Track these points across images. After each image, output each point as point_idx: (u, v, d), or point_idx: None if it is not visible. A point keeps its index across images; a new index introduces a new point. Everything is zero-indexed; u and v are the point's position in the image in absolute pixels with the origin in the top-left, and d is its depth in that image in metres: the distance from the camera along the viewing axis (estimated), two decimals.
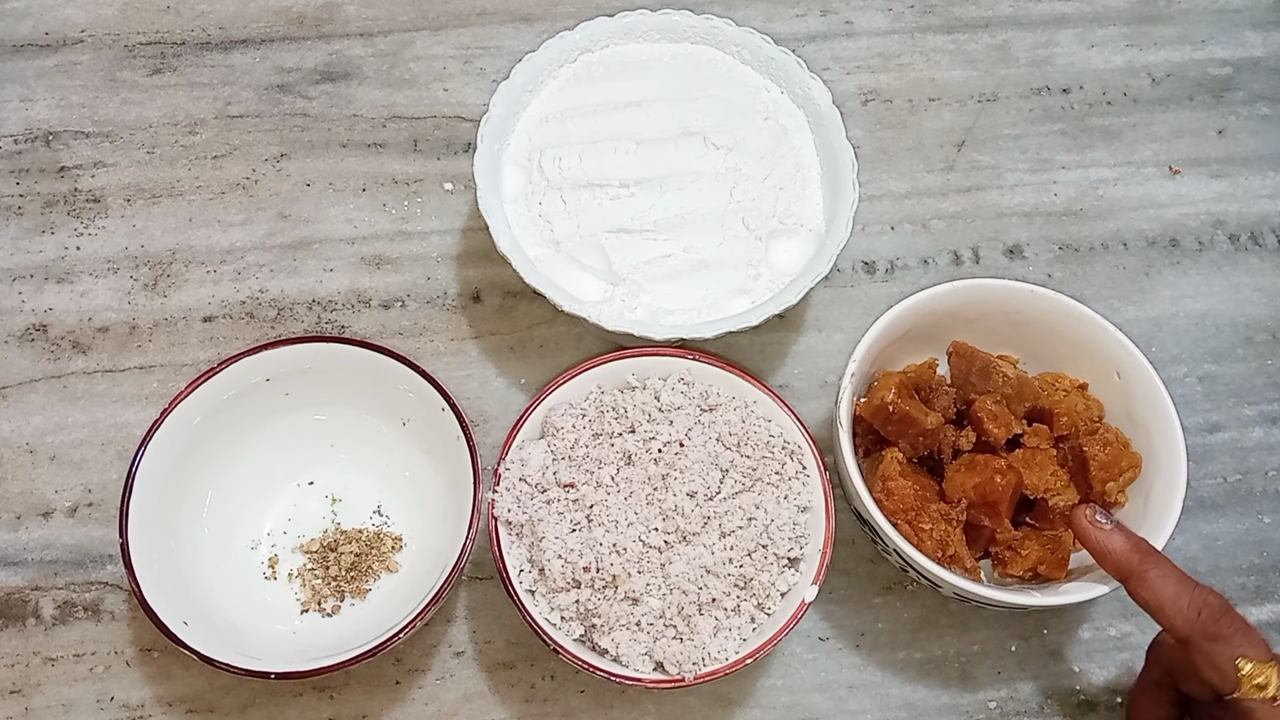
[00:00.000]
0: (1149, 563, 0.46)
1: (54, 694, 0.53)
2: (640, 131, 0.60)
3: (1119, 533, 0.48)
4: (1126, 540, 0.47)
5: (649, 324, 0.55)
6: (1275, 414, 0.63)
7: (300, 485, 0.57)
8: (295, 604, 0.54)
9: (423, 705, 0.54)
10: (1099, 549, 0.48)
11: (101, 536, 0.57)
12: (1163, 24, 0.76)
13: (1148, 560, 0.47)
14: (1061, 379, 0.56)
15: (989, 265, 0.66)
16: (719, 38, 0.64)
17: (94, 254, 0.64)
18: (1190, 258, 0.67)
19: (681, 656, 0.48)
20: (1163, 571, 0.46)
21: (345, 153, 0.67)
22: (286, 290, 0.63)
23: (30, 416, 0.59)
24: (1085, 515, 0.49)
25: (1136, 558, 0.47)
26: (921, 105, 0.71)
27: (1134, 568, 0.47)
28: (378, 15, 0.72)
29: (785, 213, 0.59)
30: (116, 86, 0.69)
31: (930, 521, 0.51)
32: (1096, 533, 0.48)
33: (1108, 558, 0.47)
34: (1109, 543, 0.48)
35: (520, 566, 0.50)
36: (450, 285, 0.64)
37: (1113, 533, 0.48)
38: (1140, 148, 0.71)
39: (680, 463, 0.51)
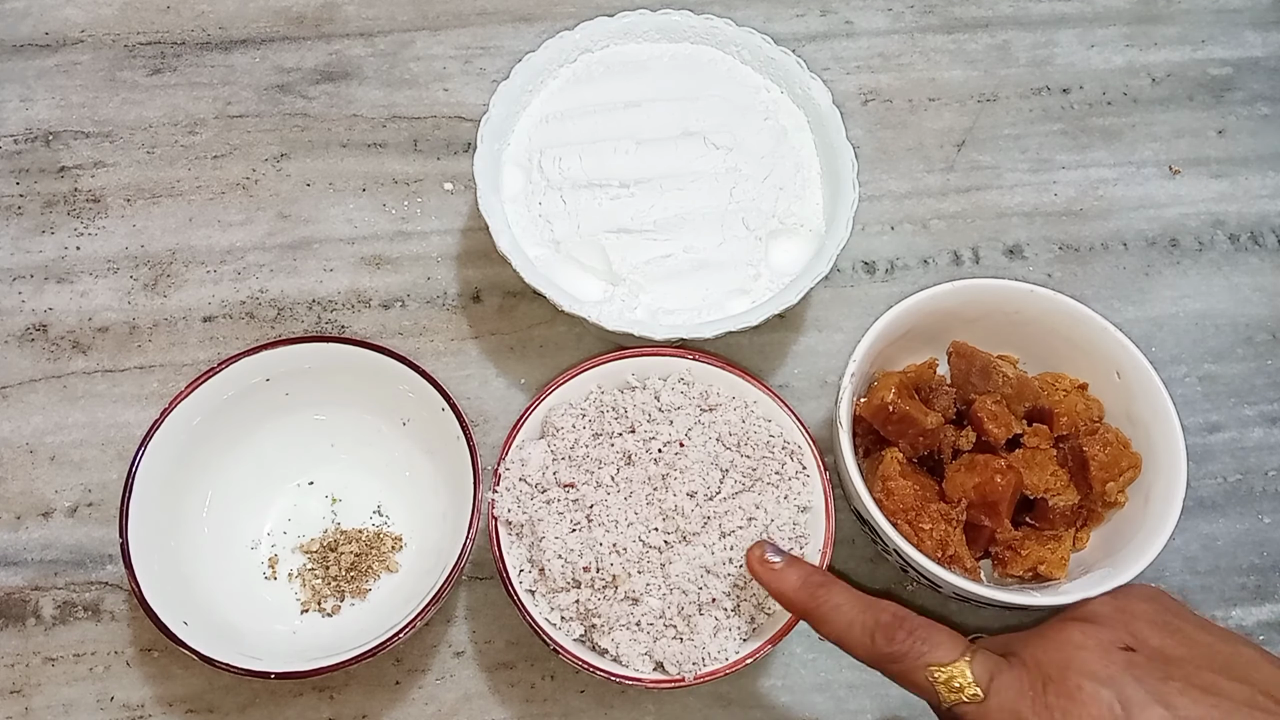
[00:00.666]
0: (821, 596, 0.44)
1: (54, 694, 0.53)
2: (640, 131, 0.60)
3: (791, 569, 0.45)
4: (799, 576, 0.45)
5: (649, 324, 0.55)
6: (1275, 414, 0.63)
7: (300, 485, 0.57)
8: (295, 604, 0.54)
9: (423, 705, 0.54)
10: (774, 591, 0.45)
11: (101, 536, 0.57)
12: (1163, 24, 0.76)
13: (819, 594, 0.44)
14: (1061, 379, 0.56)
15: (989, 265, 0.66)
16: (719, 38, 0.64)
17: (94, 254, 0.64)
18: (1190, 258, 0.67)
19: (681, 656, 0.48)
20: (836, 602, 0.43)
21: (345, 153, 0.67)
22: (286, 290, 0.63)
23: (30, 416, 0.59)
24: (755, 556, 0.46)
25: (807, 593, 0.44)
26: (921, 105, 0.71)
27: (807, 605, 0.44)
28: (378, 15, 0.72)
29: (785, 213, 0.59)
30: (116, 86, 0.69)
31: (930, 521, 0.51)
32: (767, 573, 0.45)
33: (783, 598, 0.45)
34: (782, 583, 0.45)
35: (520, 566, 0.50)
36: (450, 285, 0.64)
37: (785, 571, 0.45)
38: (1140, 148, 0.71)
39: (680, 463, 0.51)
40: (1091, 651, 0.40)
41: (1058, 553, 0.52)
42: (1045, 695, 0.39)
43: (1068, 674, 0.39)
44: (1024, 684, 0.40)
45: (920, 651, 0.41)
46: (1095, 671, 0.39)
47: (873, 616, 0.42)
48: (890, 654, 0.41)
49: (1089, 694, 0.38)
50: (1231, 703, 0.38)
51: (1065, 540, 0.53)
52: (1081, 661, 0.40)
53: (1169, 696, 0.38)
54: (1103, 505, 0.53)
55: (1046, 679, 0.39)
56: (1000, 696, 0.39)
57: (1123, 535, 0.52)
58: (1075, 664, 0.40)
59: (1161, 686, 0.38)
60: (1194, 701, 0.38)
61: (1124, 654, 0.40)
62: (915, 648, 0.41)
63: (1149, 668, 0.39)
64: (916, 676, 0.41)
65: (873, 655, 0.42)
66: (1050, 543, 0.52)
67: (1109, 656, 0.40)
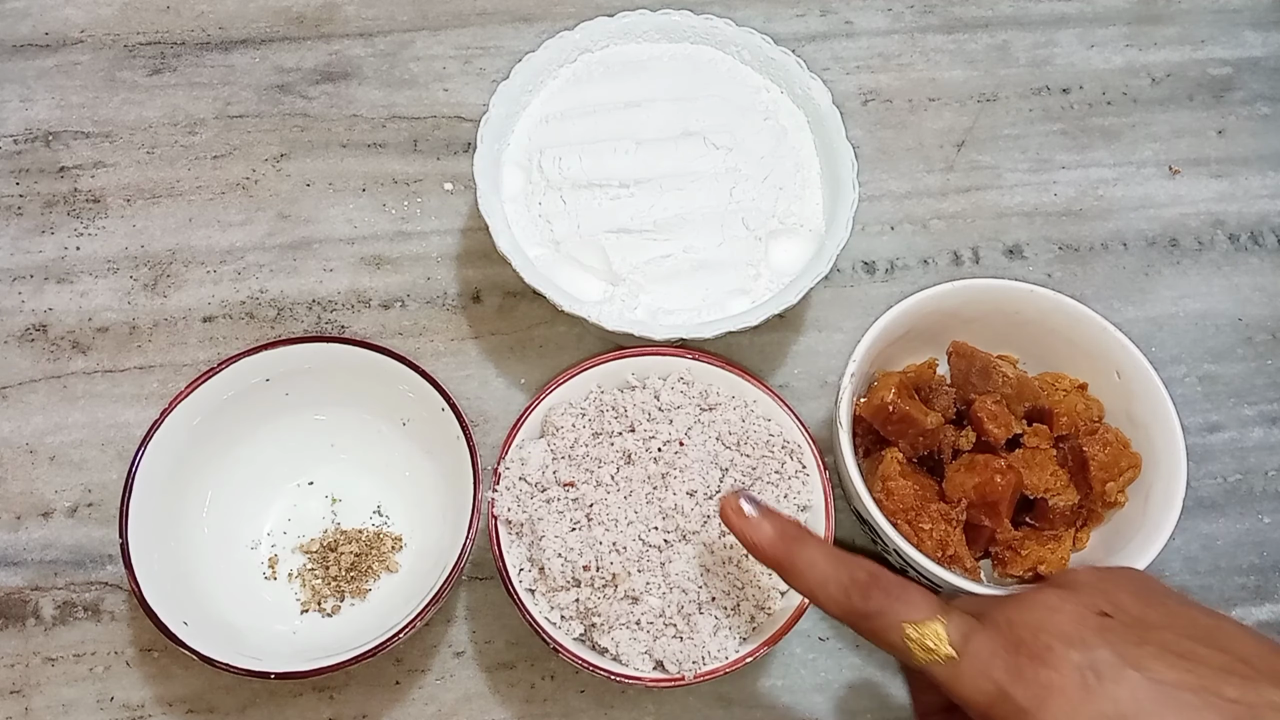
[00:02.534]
0: (796, 550, 0.43)
1: (54, 694, 0.53)
2: (640, 131, 0.60)
3: (767, 520, 0.44)
4: (774, 528, 0.43)
5: (649, 324, 0.55)
6: (1275, 414, 0.63)
7: (300, 485, 0.57)
8: (295, 604, 0.54)
9: (423, 705, 0.54)
10: (747, 542, 0.44)
11: (101, 536, 0.57)
12: (1163, 24, 0.76)
13: (794, 547, 0.43)
14: (1061, 379, 0.56)
15: (989, 265, 0.66)
16: (719, 38, 0.64)
17: (94, 254, 0.64)
18: (1190, 258, 0.67)
19: (681, 655, 0.48)
20: (810, 557, 0.42)
21: (345, 153, 0.68)
22: (286, 290, 0.63)
23: (30, 416, 0.59)
24: (730, 505, 0.44)
25: (783, 546, 0.43)
26: (921, 105, 0.71)
27: (782, 558, 0.43)
28: (378, 15, 0.72)
29: (785, 213, 0.59)
30: (116, 86, 0.69)
31: (930, 521, 0.51)
32: (742, 523, 0.44)
33: (757, 549, 0.43)
34: (757, 534, 0.43)
35: (520, 566, 0.50)
36: (450, 285, 0.64)
37: (760, 522, 0.43)
38: (1140, 148, 0.71)
39: (680, 462, 0.51)
40: (1066, 615, 0.39)
41: (1058, 553, 0.52)
42: (1017, 657, 0.38)
43: (1039, 635, 0.39)
44: (997, 645, 0.39)
45: (895, 610, 0.40)
46: (1068, 634, 0.38)
47: (848, 573, 0.41)
48: (865, 612, 0.41)
49: (1059, 656, 0.38)
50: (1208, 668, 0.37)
51: (1065, 540, 0.53)
52: (1055, 624, 0.39)
53: (1142, 660, 0.37)
54: (1103, 505, 0.53)
55: (1019, 641, 0.39)
56: (973, 658, 0.39)
57: (1123, 535, 0.52)
58: (1048, 626, 0.39)
59: (1136, 650, 0.38)
60: (1169, 666, 0.37)
61: (1099, 619, 0.39)
62: (890, 606, 0.40)
63: (1124, 633, 0.38)
64: (891, 636, 0.40)
65: (847, 612, 0.41)
66: (1050, 543, 0.52)
67: (1083, 621, 0.39)
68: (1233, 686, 0.37)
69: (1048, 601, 0.40)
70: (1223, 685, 0.37)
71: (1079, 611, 0.39)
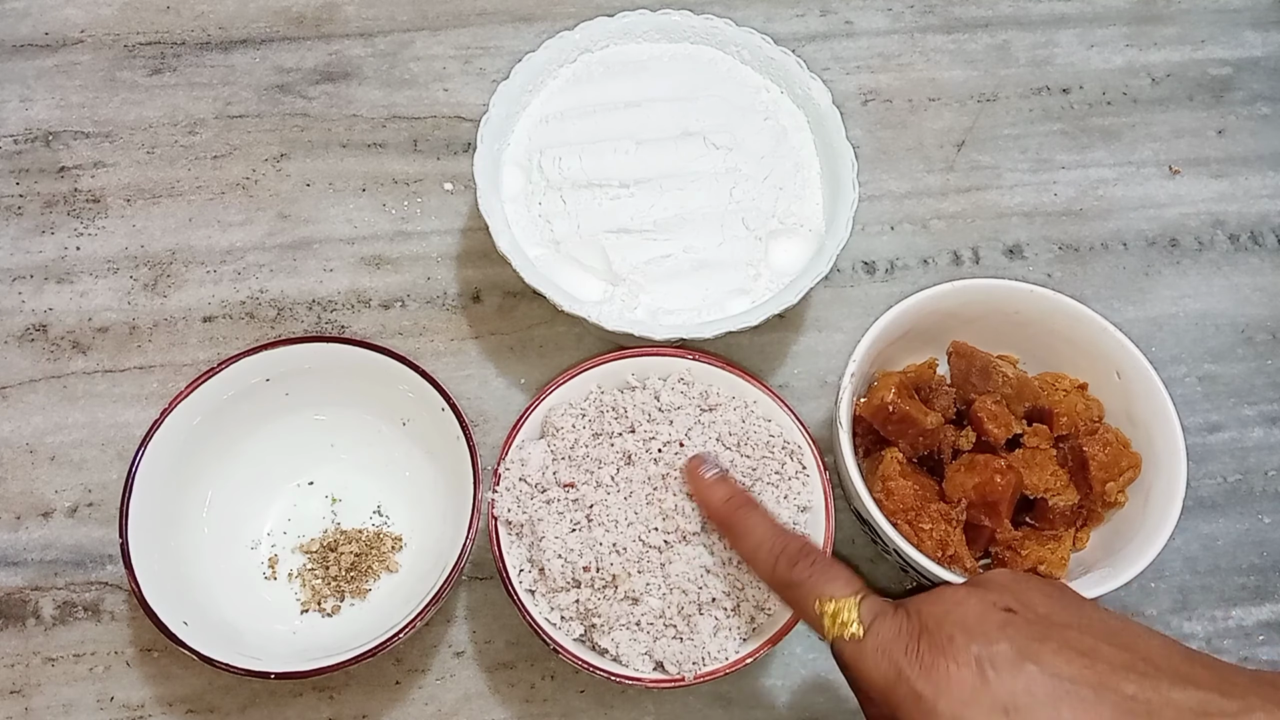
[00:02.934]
0: (742, 514, 0.47)
1: (54, 694, 0.53)
2: (640, 131, 0.60)
3: (722, 484, 0.48)
4: (727, 490, 0.48)
5: (649, 324, 0.55)
6: (1275, 414, 0.63)
7: (300, 485, 0.57)
8: (295, 604, 0.54)
9: (423, 705, 0.54)
10: (701, 498, 0.49)
11: (101, 536, 0.57)
12: (1163, 24, 0.76)
13: (740, 511, 0.47)
14: (1061, 379, 0.56)
15: (989, 265, 0.66)
16: (719, 38, 0.64)
17: (94, 254, 0.64)
18: (1190, 258, 0.67)
19: (681, 656, 0.48)
20: (753, 522, 0.46)
21: (345, 153, 0.68)
22: (286, 290, 0.63)
23: (30, 416, 0.59)
24: (694, 462, 0.49)
25: (731, 507, 0.47)
26: (921, 105, 0.71)
27: (728, 518, 0.47)
28: (378, 15, 0.72)
29: (785, 213, 0.59)
30: (116, 86, 0.69)
31: (930, 521, 0.51)
32: (699, 482, 0.49)
33: (707, 506, 0.48)
34: (710, 493, 0.48)
35: (520, 566, 0.50)
36: (450, 285, 0.64)
37: (715, 483, 0.48)
38: (1140, 148, 0.71)
39: (680, 463, 0.51)
40: (970, 608, 0.40)
41: (1058, 553, 0.52)
42: (919, 643, 0.39)
43: (943, 626, 0.40)
44: (901, 630, 0.40)
45: (815, 583, 0.43)
46: (970, 626, 0.39)
47: (782, 543, 0.45)
48: (789, 579, 0.44)
49: (959, 646, 0.38)
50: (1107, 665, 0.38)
51: (1065, 540, 0.53)
52: (959, 616, 0.40)
53: (1041, 655, 0.38)
54: (1103, 505, 0.53)
55: (924, 629, 0.40)
56: (877, 638, 0.40)
57: (1123, 535, 0.52)
58: (953, 617, 0.40)
59: (1035, 646, 0.38)
60: (1067, 661, 0.38)
61: (1003, 614, 0.40)
62: (812, 578, 0.43)
63: (1026, 629, 0.39)
64: (807, 605, 0.43)
65: (774, 578, 0.44)
66: (1050, 543, 0.52)
67: (987, 615, 0.40)
68: (1131, 683, 0.37)
69: (955, 596, 0.41)
70: (1121, 682, 0.37)
71: (984, 607, 0.40)
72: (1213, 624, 0.58)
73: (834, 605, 0.42)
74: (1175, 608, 0.58)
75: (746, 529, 0.46)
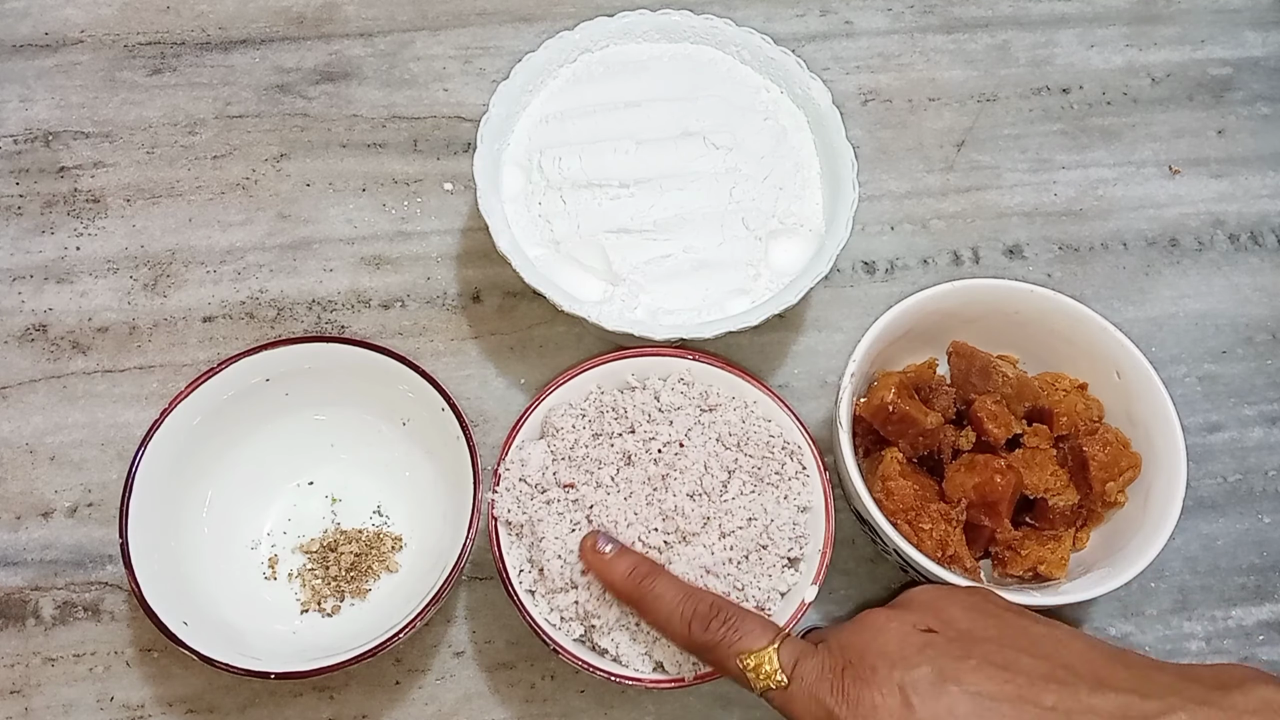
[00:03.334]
0: (645, 586, 0.45)
1: (54, 694, 0.53)
2: (640, 131, 0.60)
3: (621, 558, 0.47)
4: (627, 565, 0.46)
5: (649, 324, 0.55)
6: (1275, 414, 0.63)
7: (300, 485, 0.57)
8: (295, 604, 0.54)
9: (423, 705, 0.54)
10: (602, 578, 0.47)
11: (101, 536, 0.57)
12: (1163, 24, 0.76)
13: (644, 584, 0.46)
14: (1061, 379, 0.56)
15: (989, 265, 0.66)
16: (719, 38, 0.64)
17: (94, 254, 0.64)
18: (1190, 258, 0.67)
19: (681, 657, 0.48)
20: (659, 592, 0.45)
21: (345, 153, 0.67)
22: (286, 290, 0.63)
23: (30, 416, 0.59)
24: (587, 545, 0.48)
25: (633, 583, 0.46)
26: (921, 105, 0.71)
27: (632, 594, 0.46)
28: (378, 15, 0.72)
29: (785, 213, 0.59)
30: (116, 86, 0.69)
31: (930, 521, 0.51)
32: (598, 561, 0.47)
33: (611, 586, 0.47)
34: (610, 572, 0.47)
35: (520, 567, 0.50)
36: (450, 285, 0.64)
37: (614, 559, 0.47)
38: (1140, 148, 0.71)
39: (680, 463, 0.51)
40: (890, 634, 0.41)
41: (1058, 553, 0.52)
42: (843, 679, 0.40)
43: (865, 657, 0.40)
44: (825, 669, 0.40)
45: (731, 640, 0.42)
46: (890, 654, 0.40)
47: (691, 606, 0.44)
48: (705, 642, 0.43)
49: (882, 676, 0.39)
50: (1026, 677, 0.38)
51: (1065, 540, 0.53)
52: (880, 644, 0.40)
53: (961, 674, 0.38)
54: (1103, 505, 0.53)
55: (847, 663, 0.40)
56: (802, 682, 0.41)
57: (1123, 535, 0.52)
58: (874, 647, 0.40)
59: (955, 665, 0.39)
60: (988, 678, 0.38)
61: (923, 635, 0.40)
62: (727, 636, 0.43)
63: (946, 648, 0.39)
64: (729, 664, 0.43)
65: (690, 643, 0.44)
66: (1050, 543, 0.52)
67: (907, 639, 0.40)
68: (1050, 693, 0.38)
69: (875, 623, 0.42)
70: (1041, 693, 0.38)
71: (904, 630, 0.41)
72: (1213, 624, 0.58)
73: (754, 659, 0.42)
74: (1175, 608, 0.58)
75: (653, 599, 0.45)
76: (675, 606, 0.44)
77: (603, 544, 0.48)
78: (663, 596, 0.45)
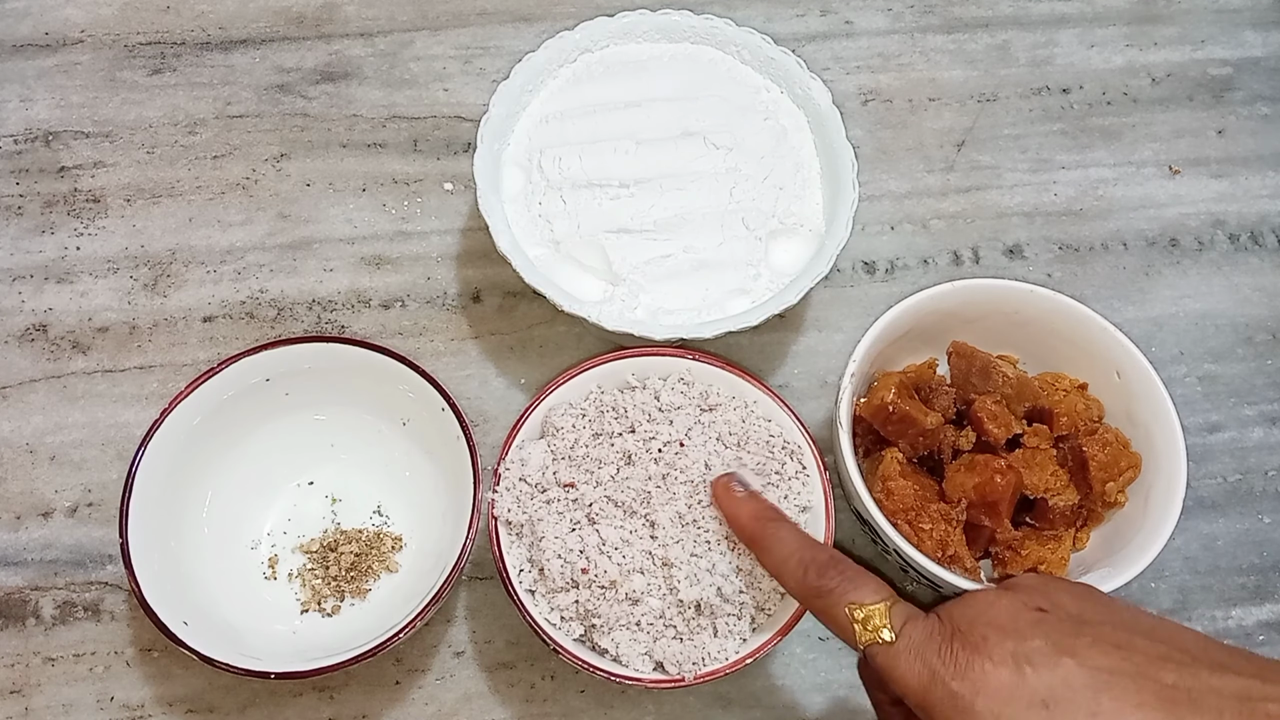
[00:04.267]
0: (770, 528, 0.46)
1: (54, 694, 0.53)
2: (640, 131, 0.60)
3: (750, 500, 0.48)
4: (755, 507, 0.48)
5: (649, 324, 0.55)
6: (1275, 414, 0.63)
7: (300, 485, 0.57)
8: (295, 604, 0.54)
9: (423, 705, 0.54)
10: (729, 514, 0.48)
11: (101, 536, 0.57)
12: (1163, 24, 0.76)
13: (769, 526, 0.46)
14: (1061, 379, 0.56)
15: (989, 265, 0.66)
16: (719, 38, 0.64)
17: (94, 254, 0.64)
18: (1190, 258, 0.67)
19: (681, 656, 0.48)
20: (782, 535, 0.46)
21: (345, 153, 0.68)
22: (286, 290, 0.63)
23: (30, 416, 0.59)
24: (722, 482, 0.49)
25: (759, 524, 0.47)
26: (921, 105, 0.71)
27: (756, 533, 0.47)
28: (378, 15, 0.72)
29: (785, 213, 0.59)
30: (116, 86, 0.69)
31: (930, 521, 0.51)
32: (728, 499, 0.48)
33: (736, 522, 0.48)
34: (738, 509, 0.48)
35: (520, 566, 0.50)
36: (450, 285, 0.64)
37: (744, 500, 0.48)
38: (1140, 148, 0.71)
39: (680, 463, 0.51)
40: (1002, 608, 0.40)
41: (1058, 553, 0.52)
42: (952, 644, 0.39)
43: (976, 626, 0.40)
44: (933, 632, 0.40)
45: (845, 590, 0.42)
46: (1003, 625, 0.39)
47: (811, 553, 0.44)
48: (818, 588, 0.43)
49: (993, 644, 0.38)
50: (1144, 656, 0.38)
51: (1065, 540, 0.53)
52: (991, 616, 0.40)
53: (1077, 648, 0.38)
54: (1103, 505, 0.53)
55: (955, 630, 0.40)
56: (909, 640, 0.40)
57: (1123, 535, 0.52)
58: (984, 618, 0.40)
59: (1070, 640, 0.38)
60: (1104, 653, 0.37)
61: (1035, 613, 0.40)
62: (841, 585, 0.43)
63: (1060, 625, 0.39)
64: (837, 612, 0.42)
65: (803, 588, 0.44)
66: (1050, 543, 0.52)
67: (1019, 614, 0.40)
68: (1170, 672, 0.37)
69: (986, 598, 0.41)
70: (1160, 671, 0.37)
71: (1015, 607, 0.40)
72: (1213, 624, 0.58)
73: (864, 611, 0.42)
74: (1175, 608, 0.58)
75: (775, 541, 0.46)
76: (795, 550, 0.45)
77: (736, 486, 0.49)
78: (785, 540, 0.45)
